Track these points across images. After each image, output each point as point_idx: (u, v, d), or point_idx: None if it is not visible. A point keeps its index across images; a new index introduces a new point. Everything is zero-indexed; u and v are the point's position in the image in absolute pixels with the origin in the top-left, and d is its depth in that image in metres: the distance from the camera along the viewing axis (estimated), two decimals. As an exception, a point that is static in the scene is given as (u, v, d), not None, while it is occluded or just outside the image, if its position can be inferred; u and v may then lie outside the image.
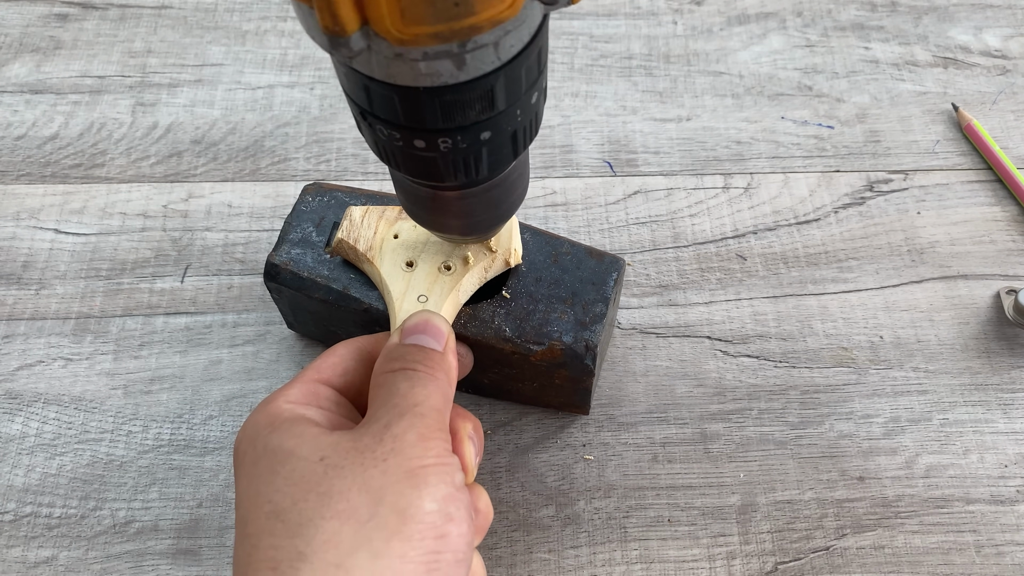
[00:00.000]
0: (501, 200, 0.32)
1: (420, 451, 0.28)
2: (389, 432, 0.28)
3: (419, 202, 0.32)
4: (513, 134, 0.28)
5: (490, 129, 0.27)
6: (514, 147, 0.29)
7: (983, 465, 0.41)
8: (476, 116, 0.26)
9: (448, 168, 0.28)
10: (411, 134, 0.26)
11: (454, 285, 0.36)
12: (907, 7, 0.57)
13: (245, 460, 0.29)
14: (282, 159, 0.51)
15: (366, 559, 0.25)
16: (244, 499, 0.28)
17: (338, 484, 0.27)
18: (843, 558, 0.39)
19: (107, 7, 0.57)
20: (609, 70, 0.55)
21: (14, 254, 0.47)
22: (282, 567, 0.25)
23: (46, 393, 0.43)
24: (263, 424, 0.29)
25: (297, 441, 0.28)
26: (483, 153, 0.28)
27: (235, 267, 0.47)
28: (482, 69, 0.24)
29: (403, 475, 0.27)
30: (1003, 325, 0.45)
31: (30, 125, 0.52)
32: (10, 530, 0.39)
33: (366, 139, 0.29)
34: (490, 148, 0.28)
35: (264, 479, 0.28)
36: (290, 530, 0.26)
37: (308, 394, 0.31)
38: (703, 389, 0.43)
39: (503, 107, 0.26)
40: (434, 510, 0.27)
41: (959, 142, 0.51)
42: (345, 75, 0.26)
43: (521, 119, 0.28)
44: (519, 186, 0.33)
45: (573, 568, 0.39)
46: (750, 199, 0.49)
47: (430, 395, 0.30)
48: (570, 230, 0.48)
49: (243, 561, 0.27)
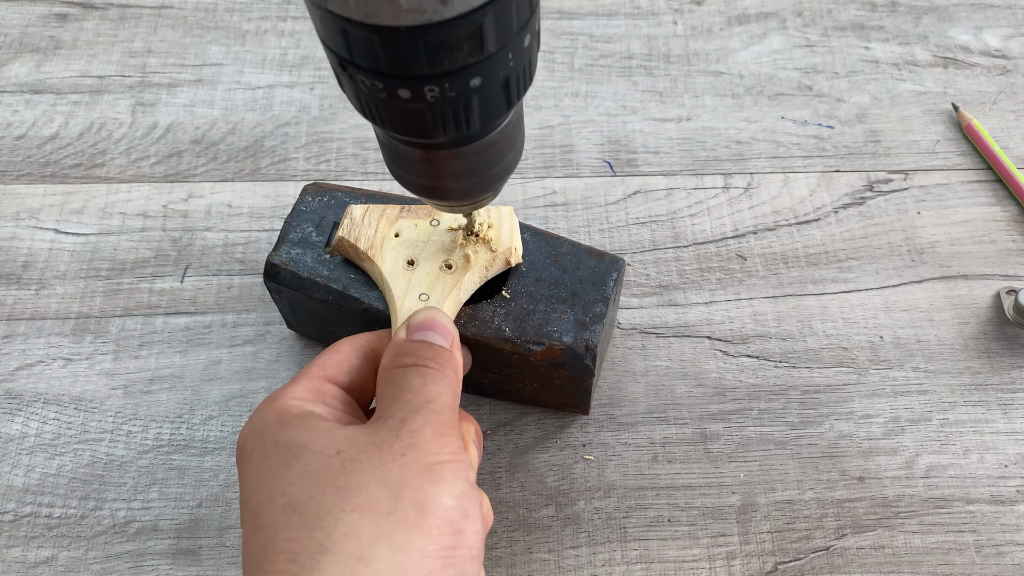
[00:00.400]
0: (496, 160, 0.30)
1: (437, 447, 0.28)
2: (406, 427, 0.28)
3: (407, 164, 0.30)
4: (506, 81, 0.26)
5: (480, 75, 0.25)
6: (507, 97, 0.27)
7: (983, 465, 0.41)
8: (464, 59, 0.24)
9: (437, 121, 0.26)
10: (395, 83, 0.25)
11: (455, 284, 0.36)
12: (907, 7, 0.57)
13: (253, 456, 0.29)
14: (282, 159, 0.51)
15: (387, 552, 0.26)
16: (254, 493, 0.28)
17: (356, 478, 0.27)
18: (843, 558, 0.39)
19: (107, 7, 0.57)
20: (609, 70, 0.55)
21: (14, 254, 0.47)
22: (302, 559, 0.25)
23: (46, 393, 0.43)
24: (271, 420, 0.29)
25: (310, 434, 0.28)
26: (473, 103, 0.26)
27: (235, 267, 0.47)
28: (469, 4, 0.23)
29: (421, 470, 0.27)
30: (1003, 325, 0.45)
31: (30, 125, 0.52)
32: (10, 530, 0.39)
33: (348, 95, 0.27)
34: (481, 97, 0.26)
35: (276, 473, 0.28)
36: (308, 523, 0.26)
37: (314, 391, 0.31)
38: (703, 389, 0.43)
39: (493, 49, 0.24)
40: (452, 506, 0.27)
41: (959, 142, 0.51)
42: (321, 20, 0.24)
43: (514, 64, 0.26)
44: (515, 144, 0.31)
45: (573, 568, 0.39)
46: (750, 199, 0.49)
47: (442, 392, 0.30)
48: (570, 230, 0.48)
49: (257, 554, 0.26)
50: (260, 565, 0.26)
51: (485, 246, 0.37)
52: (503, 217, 0.38)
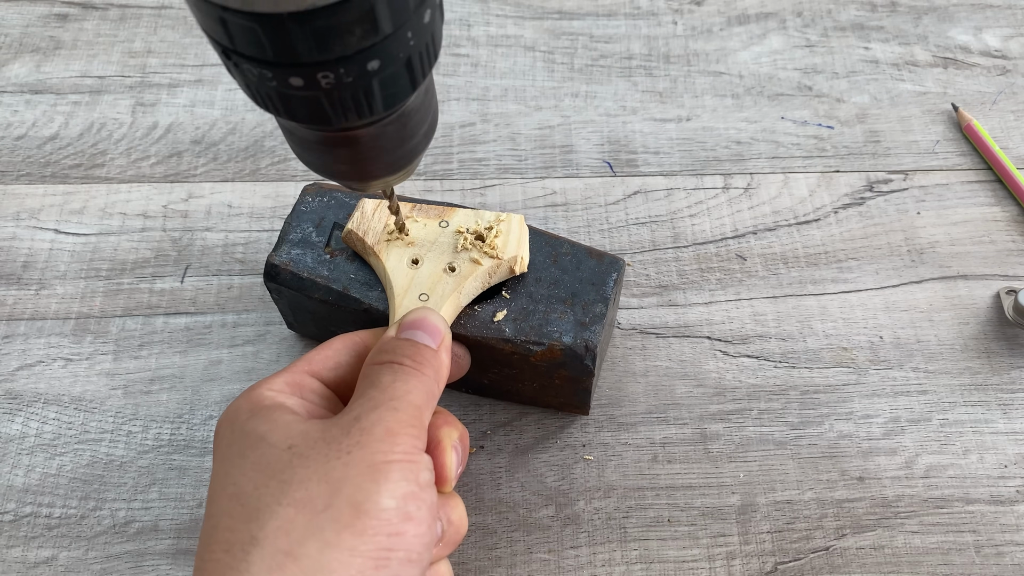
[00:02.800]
0: (406, 137, 0.28)
1: (386, 446, 0.27)
2: (358, 425, 0.28)
3: (308, 147, 0.28)
4: (408, 61, 0.24)
5: (378, 57, 0.23)
6: (411, 76, 0.25)
7: (983, 465, 0.41)
8: (358, 43, 0.22)
9: (336, 108, 0.24)
10: (285, 71, 0.22)
11: (457, 287, 0.36)
12: (907, 7, 0.57)
13: (221, 443, 0.29)
14: (282, 159, 0.51)
15: (315, 549, 0.25)
16: (214, 479, 0.28)
17: (300, 472, 0.27)
18: (843, 558, 0.39)
19: (107, 7, 0.57)
20: (609, 70, 0.55)
21: (14, 254, 0.47)
22: (234, 550, 0.26)
23: (46, 393, 0.43)
24: (244, 409, 0.29)
25: (270, 427, 0.28)
26: (374, 87, 0.24)
27: (235, 267, 0.47)
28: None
29: (365, 469, 0.27)
30: (1003, 325, 0.45)
31: (30, 125, 0.52)
32: (10, 530, 0.39)
33: (238, 83, 0.25)
34: (382, 80, 0.24)
35: (234, 462, 0.28)
36: (248, 514, 0.26)
37: (293, 384, 0.31)
38: (703, 389, 0.43)
39: (389, 30, 0.22)
40: (391, 507, 0.27)
41: (959, 142, 0.51)
42: (197, 7, 0.22)
43: (414, 43, 0.23)
44: (426, 118, 0.28)
45: (573, 568, 0.39)
46: (750, 199, 0.49)
47: (411, 390, 0.29)
48: (570, 230, 0.48)
49: (202, 539, 0.27)
50: (201, 553, 0.26)
51: (491, 252, 0.37)
52: (512, 225, 0.38)
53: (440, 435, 0.31)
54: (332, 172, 0.29)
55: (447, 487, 0.30)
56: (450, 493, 0.31)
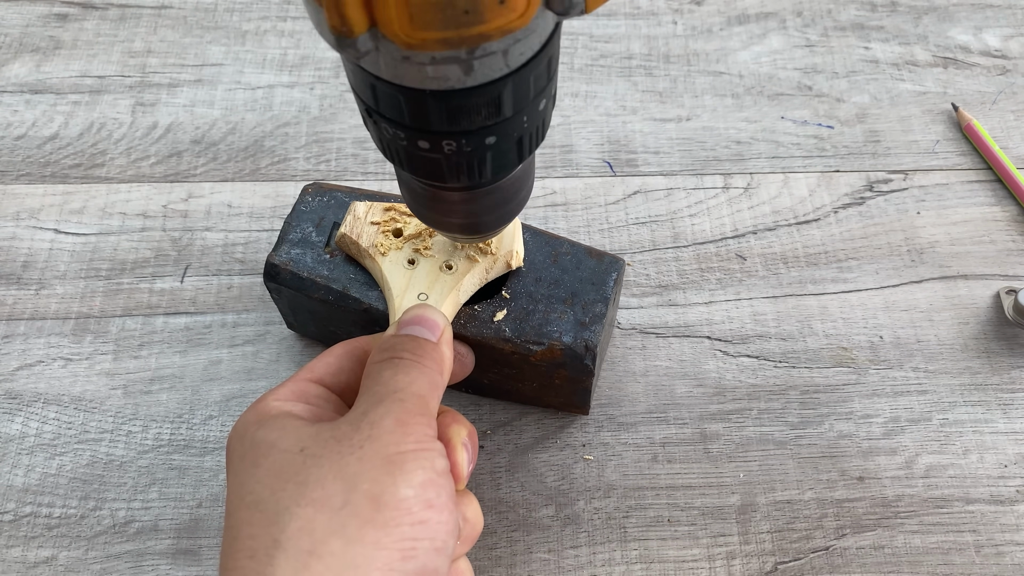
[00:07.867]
0: (504, 202, 0.32)
1: (398, 437, 0.27)
2: (366, 419, 0.28)
3: (421, 200, 0.32)
4: (519, 139, 0.28)
5: (496, 134, 0.27)
6: (519, 152, 0.28)
7: (983, 465, 0.41)
8: (482, 121, 0.26)
9: (452, 170, 0.28)
10: (416, 135, 0.26)
11: (455, 284, 0.36)
12: (907, 7, 0.57)
13: (233, 456, 0.29)
14: (282, 159, 0.51)
15: (339, 546, 0.25)
16: (230, 493, 0.28)
17: (315, 472, 0.27)
18: (843, 558, 0.39)
19: (107, 7, 0.57)
20: (609, 70, 0.55)
21: (14, 254, 0.47)
22: (258, 555, 0.26)
23: (46, 393, 0.43)
24: (252, 421, 0.29)
25: (279, 433, 0.28)
26: (487, 157, 0.27)
27: (235, 267, 0.47)
28: (490, 76, 0.24)
29: (380, 462, 0.27)
30: (1003, 325, 0.45)
31: (30, 125, 0.52)
32: (10, 530, 0.39)
33: (372, 136, 0.29)
34: (495, 152, 0.27)
35: (248, 472, 0.28)
36: (267, 519, 0.26)
37: (297, 392, 0.31)
38: (703, 389, 0.43)
39: (510, 114, 0.26)
40: (410, 496, 0.27)
41: (959, 142, 0.51)
42: (352, 72, 0.25)
43: (528, 125, 0.27)
44: (523, 189, 0.33)
45: (573, 568, 0.39)
46: (750, 199, 0.49)
47: (413, 381, 0.29)
48: (570, 230, 0.48)
49: (224, 551, 0.27)
50: (225, 563, 0.26)
51: (486, 248, 0.37)
52: None
53: (450, 433, 0.31)
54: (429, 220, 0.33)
55: (460, 484, 0.30)
56: (463, 491, 0.31)
